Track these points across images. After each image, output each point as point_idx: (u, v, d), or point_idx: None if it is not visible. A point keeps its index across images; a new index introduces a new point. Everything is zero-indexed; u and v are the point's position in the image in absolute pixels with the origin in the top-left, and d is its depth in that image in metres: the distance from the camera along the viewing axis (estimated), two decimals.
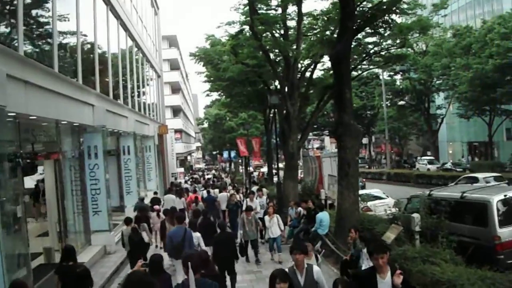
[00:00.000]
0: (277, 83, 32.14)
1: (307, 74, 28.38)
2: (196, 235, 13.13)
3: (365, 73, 45.95)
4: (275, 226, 17.34)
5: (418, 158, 66.62)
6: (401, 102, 64.02)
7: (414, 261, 11.24)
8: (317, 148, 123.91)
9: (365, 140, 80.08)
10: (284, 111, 26.56)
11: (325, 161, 30.81)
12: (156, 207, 21.51)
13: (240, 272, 14.28)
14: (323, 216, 16.90)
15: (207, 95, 42.75)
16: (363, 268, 11.19)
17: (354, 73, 28.59)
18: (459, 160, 59.31)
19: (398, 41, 26.39)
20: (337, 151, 18.19)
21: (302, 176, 37.19)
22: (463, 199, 14.29)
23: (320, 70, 32.60)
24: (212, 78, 38.66)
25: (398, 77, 62.65)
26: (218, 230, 13.92)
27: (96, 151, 18.98)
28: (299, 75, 27.19)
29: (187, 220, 14.97)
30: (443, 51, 49.88)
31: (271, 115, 41.20)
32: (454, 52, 47.71)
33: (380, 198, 25.86)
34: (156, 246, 18.12)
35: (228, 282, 12.53)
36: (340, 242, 16.13)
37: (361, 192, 26.45)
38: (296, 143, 26.39)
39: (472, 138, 62.12)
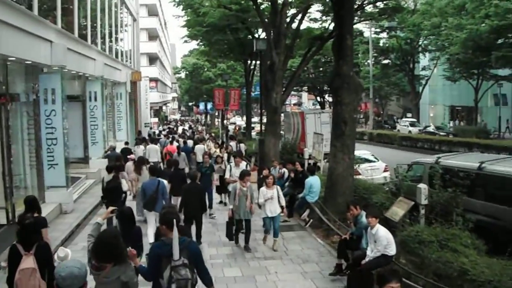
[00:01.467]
0: (260, 31, 29.96)
1: (294, 25, 25.97)
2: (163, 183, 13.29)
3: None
4: (274, 202, 13.14)
5: (399, 119, 65.90)
6: (386, 61, 62.79)
7: (431, 246, 9.12)
8: (295, 104, 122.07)
9: None
10: (268, 61, 24.16)
11: (308, 117, 29.65)
12: (132, 156, 21.38)
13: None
14: (314, 181, 14.88)
15: (185, 41, 39.85)
16: (368, 252, 9.23)
17: None
18: (442, 124, 58.15)
19: None
20: (333, 106, 15.95)
21: (282, 133, 34.98)
22: (481, 170, 12.19)
23: (307, 21, 30.37)
24: (191, 24, 35.83)
25: (383, 35, 61.03)
26: (188, 180, 14.33)
27: (54, 95, 16.48)
28: (285, 24, 24.76)
29: None
30: (433, 10, 48.11)
31: (252, 66, 38.88)
32: (445, 11, 45.83)
33: (369, 161, 23.76)
34: (134, 196, 16.20)
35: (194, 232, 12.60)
36: (331, 211, 14.28)
37: None
38: (280, 97, 24.31)
39: (456, 102, 60.77)
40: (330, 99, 74.10)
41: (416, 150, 37.54)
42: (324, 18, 32.22)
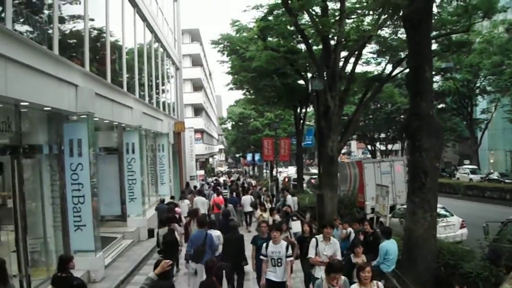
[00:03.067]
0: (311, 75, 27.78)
1: (348, 67, 23.66)
2: (216, 234, 13.32)
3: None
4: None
5: (458, 167, 62.10)
6: (441, 105, 59.19)
7: None
8: (343, 154, 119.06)
9: (397, 146, 75.91)
10: (323, 107, 21.81)
11: (367, 167, 27.09)
12: (178, 209, 20.74)
13: None
14: (391, 247, 12.06)
15: (230, 89, 37.72)
16: None
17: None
18: (506, 170, 54.09)
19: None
20: (410, 153, 13.20)
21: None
22: None
23: (360, 64, 28.05)
24: (236, 70, 33.79)
25: (436, 78, 57.24)
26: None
27: (80, 147, 14.22)
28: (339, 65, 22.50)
29: None
30: (492, 48, 45.11)
31: (303, 113, 36.48)
32: (507, 48, 42.79)
33: (442, 215, 20.53)
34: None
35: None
36: (410, 281, 11.46)
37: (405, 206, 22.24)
38: (336, 145, 21.93)
39: None
40: (382, 147, 71.99)
41: (484, 200, 34.29)
42: (379, 59, 29.64)
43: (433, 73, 51.41)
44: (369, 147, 69.00)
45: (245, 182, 50.20)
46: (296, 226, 16.08)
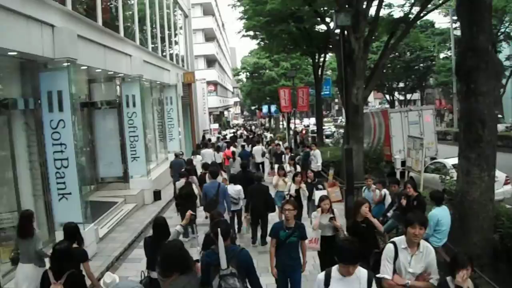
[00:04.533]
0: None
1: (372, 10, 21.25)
2: (237, 188, 13.89)
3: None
4: None
5: None
6: None
7: None
8: None
9: (416, 96, 74.90)
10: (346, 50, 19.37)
11: (393, 117, 25.07)
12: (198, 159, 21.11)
13: None
14: (443, 216, 9.66)
15: (244, 35, 34.83)
16: None
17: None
18: None
19: None
20: (462, 98, 10.64)
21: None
22: None
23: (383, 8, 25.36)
24: (249, 14, 30.93)
25: (456, 24, 54.29)
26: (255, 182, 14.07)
27: (61, 99, 11.81)
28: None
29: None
30: None
31: (321, 61, 33.72)
32: None
33: None
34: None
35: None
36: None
37: (440, 160, 19.84)
38: (361, 92, 19.71)
39: None
40: (400, 97, 69.16)
41: None
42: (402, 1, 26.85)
43: (454, 18, 49.19)
44: (387, 97, 66.31)
45: (256, 134, 50.15)
46: (318, 194, 12.80)
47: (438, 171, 18.84)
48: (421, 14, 22.03)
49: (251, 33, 35.03)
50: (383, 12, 24.51)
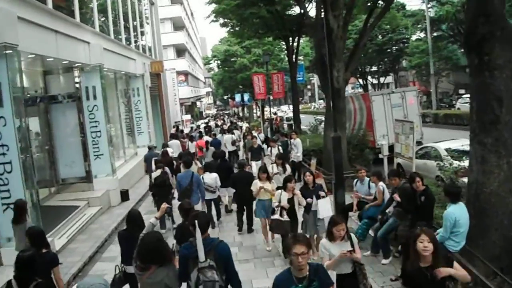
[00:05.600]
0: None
1: None
2: (213, 176, 13.85)
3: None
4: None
5: (455, 97, 59.38)
6: (437, 33, 56.00)
7: None
8: None
9: (389, 79, 74.57)
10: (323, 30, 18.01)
11: (375, 100, 23.77)
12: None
13: None
14: (461, 215, 8.16)
15: (213, 20, 32.99)
16: None
17: None
18: None
19: None
20: (474, 73, 9.11)
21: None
22: None
23: None
24: None
25: (431, 3, 53.96)
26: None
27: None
28: None
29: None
30: None
31: (295, 43, 32.22)
32: None
33: None
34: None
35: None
36: (484, 256, 7.84)
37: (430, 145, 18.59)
38: (342, 75, 18.16)
39: None
40: (374, 81, 68.13)
41: None
42: None
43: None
44: (360, 81, 65.25)
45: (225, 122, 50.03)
46: (324, 207, 10.52)
47: (429, 157, 17.52)
48: None
49: (221, 20, 33.76)
50: None
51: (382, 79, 68.91)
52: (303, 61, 54.86)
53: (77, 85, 17.67)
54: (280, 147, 19.17)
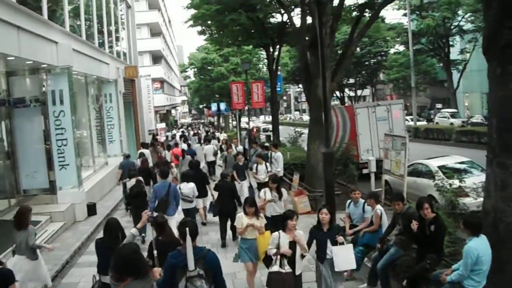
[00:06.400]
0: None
1: None
2: (190, 186, 13.63)
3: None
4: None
5: (431, 111, 60.52)
6: (416, 46, 55.53)
7: None
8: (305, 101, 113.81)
9: (366, 92, 76.65)
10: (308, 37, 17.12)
11: (360, 113, 22.97)
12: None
13: None
14: (483, 251, 6.97)
15: (191, 25, 31.59)
16: None
17: None
18: (483, 114, 50.43)
19: None
20: (494, 86, 7.90)
21: None
22: None
23: None
24: (197, 3, 27.98)
25: (406, 19, 54.67)
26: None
27: None
28: None
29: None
30: None
31: (276, 52, 31.17)
32: None
33: (470, 172, 15.95)
34: None
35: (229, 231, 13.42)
36: None
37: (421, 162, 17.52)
38: (329, 84, 17.00)
39: None
40: (351, 93, 67.59)
41: (479, 145, 29.41)
42: None
43: (409, 10, 47.80)
44: (337, 93, 64.74)
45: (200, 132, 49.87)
46: (344, 256, 8.34)
47: (419, 174, 16.48)
48: None
49: (199, 28, 32.91)
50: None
51: (359, 92, 69.28)
52: (281, 71, 54.06)
53: (44, 89, 16.26)
54: (267, 164, 17.20)
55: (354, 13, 24.32)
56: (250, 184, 17.09)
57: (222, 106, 59.97)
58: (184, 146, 27.29)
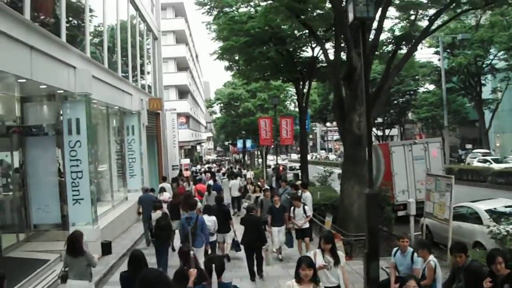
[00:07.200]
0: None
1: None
2: (212, 219, 13.87)
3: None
4: None
5: (462, 151, 59.46)
6: (447, 85, 53.80)
7: None
8: (336, 140, 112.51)
9: (394, 131, 75.50)
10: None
11: (395, 151, 21.59)
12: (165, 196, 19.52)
13: None
14: None
15: (218, 58, 30.45)
16: None
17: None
18: None
19: None
20: None
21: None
22: None
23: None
24: (226, 33, 26.95)
25: (436, 58, 54.75)
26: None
27: None
28: None
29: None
30: (505, 21, 42.57)
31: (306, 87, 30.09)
32: None
33: None
34: None
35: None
36: None
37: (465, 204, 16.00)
38: (364, 120, 15.88)
39: None
40: (379, 133, 66.34)
41: None
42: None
43: (442, 47, 46.71)
44: None
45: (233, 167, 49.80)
46: None
47: (464, 219, 14.96)
48: (432, 28, 18.83)
49: (226, 63, 32.48)
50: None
51: (387, 131, 68.77)
52: (309, 108, 53.14)
53: (60, 117, 15.23)
54: (305, 207, 15.05)
55: (390, 47, 23.42)
56: (288, 229, 15.12)
57: (248, 143, 59.11)
58: (210, 182, 26.21)
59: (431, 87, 62.22)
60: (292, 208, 15.00)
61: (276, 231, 14.82)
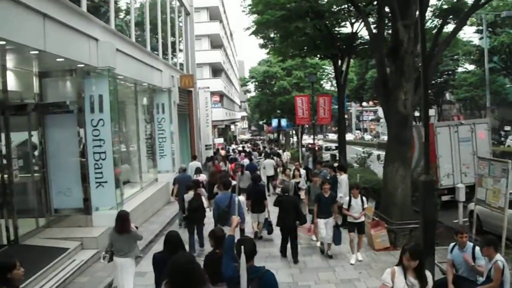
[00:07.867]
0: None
1: None
2: (242, 199, 13.65)
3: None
4: None
5: (506, 133, 56.70)
6: (489, 65, 51.96)
7: None
8: (371, 120, 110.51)
9: (431, 112, 69.21)
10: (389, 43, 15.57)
11: (440, 132, 20.56)
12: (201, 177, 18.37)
13: None
14: None
15: (253, 33, 29.41)
16: None
17: None
18: None
19: None
20: None
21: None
22: None
23: None
24: (260, 7, 25.71)
25: (476, 37, 53.89)
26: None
27: None
28: None
29: None
30: None
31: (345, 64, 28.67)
32: None
33: None
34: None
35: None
36: None
37: None
38: (410, 98, 14.97)
39: None
40: (415, 113, 64.14)
41: None
42: None
43: (482, 27, 44.93)
44: None
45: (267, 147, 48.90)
46: None
47: None
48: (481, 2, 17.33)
49: (261, 41, 31.54)
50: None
51: None
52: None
53: (82, 94, 14.14)
54: (363, 198, 13.38)
55: (436, 21, 22.07)
56: (336, 223, 13.39)
57: (283, 122, 57.85)
58: (246, 161, 26.30)
59: (471, 67, 60.50)
60: (347, 198, 13.46)
61: (323, 223, 13.18)
